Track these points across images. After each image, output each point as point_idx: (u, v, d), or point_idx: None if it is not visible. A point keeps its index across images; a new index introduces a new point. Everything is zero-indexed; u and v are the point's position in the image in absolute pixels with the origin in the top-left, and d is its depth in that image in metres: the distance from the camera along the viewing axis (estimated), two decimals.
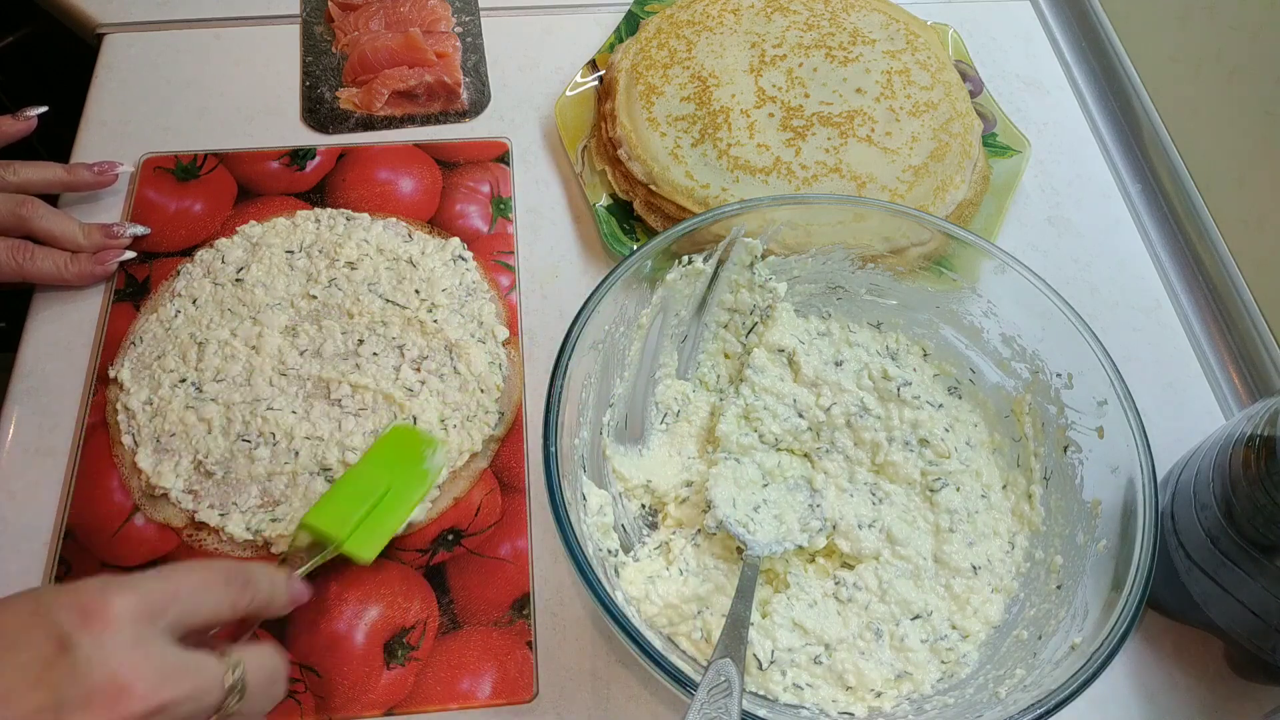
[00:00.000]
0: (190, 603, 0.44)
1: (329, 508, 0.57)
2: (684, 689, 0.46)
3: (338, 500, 0.57)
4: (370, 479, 0.58)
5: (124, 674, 0.39)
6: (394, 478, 0.59)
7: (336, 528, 0.55)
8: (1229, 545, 0.51)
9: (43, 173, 0.70)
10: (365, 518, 0.57)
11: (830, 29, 0.80)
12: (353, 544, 0.56)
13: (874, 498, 0.61)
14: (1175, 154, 0.81)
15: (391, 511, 0.58)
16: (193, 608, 0.44)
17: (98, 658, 0.39)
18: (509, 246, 0.73)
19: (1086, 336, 0.57)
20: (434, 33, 0.83)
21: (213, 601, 0.45)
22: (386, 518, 0.58)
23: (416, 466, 0.59)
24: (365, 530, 0.56)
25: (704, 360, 0.67)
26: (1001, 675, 0.53)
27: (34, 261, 0.66)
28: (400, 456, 0.60)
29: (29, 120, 0.72)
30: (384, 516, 0.58)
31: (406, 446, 0.60)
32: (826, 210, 0.64)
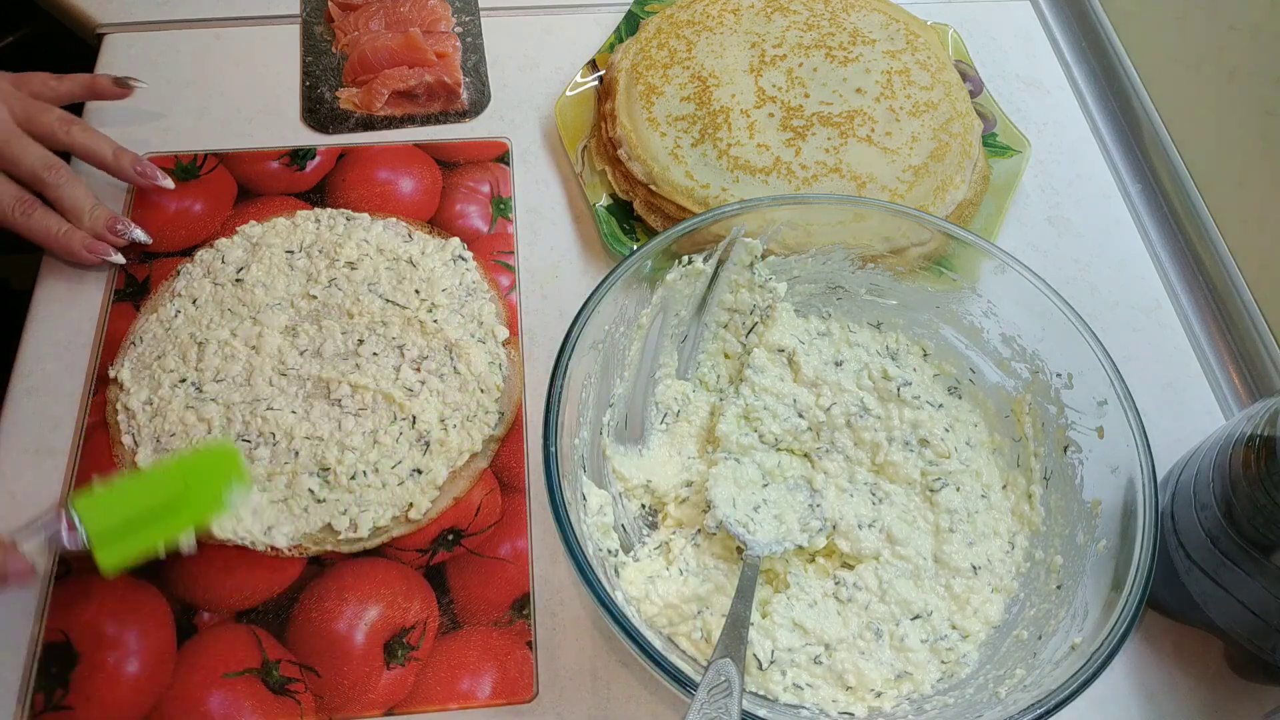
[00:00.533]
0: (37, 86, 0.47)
1: (102, 498, 0.53)
2: (684, 689, 0.46)
3: (115, 494, 0.54)
4: (164, 486, 0.55)
5: None
6: (189, 494, 0.55)
7: (95, 520, 0.52)
8: (1229, 545, 0.51)
9: (94, 145, 0.70)
10: (130, 522, 0.53)
11: (830, 29, 0.80)
12: (100, 545, 0.52)
13: (874, 498, 0.61)
14: (1175, 154, 0.81)
15: (159, 527, 0.54)
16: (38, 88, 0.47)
17: None
18: (509, 246, 0.73)
19: (1086, 336, 0.57)
20: (434, 33, 0.83)
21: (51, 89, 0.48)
22: (150, 531, 0.54)
23: (217, 492, 0.56)
24: (122, 535, 0.53)
25: (704, 360, 0.67)
26: (1001, 675, 0.53)
27: (31, 218, 0.67)
28: (209, 476, 0.56)
29: (127, 88, 0.75)
30: (149, 529, 0.54)
31: (220, 469, 0.56)
32: (826, 210, 0.64)
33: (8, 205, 0.66)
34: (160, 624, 0.57)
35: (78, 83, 0.73)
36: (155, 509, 0.54)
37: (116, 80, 0.74)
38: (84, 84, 0.74)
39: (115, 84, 0.74)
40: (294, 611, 0.58)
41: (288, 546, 0.59)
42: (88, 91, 0.74)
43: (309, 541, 0.60)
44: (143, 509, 0.54)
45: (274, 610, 0.58)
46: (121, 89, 0.75)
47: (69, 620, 0.57)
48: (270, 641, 0.57)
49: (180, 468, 0.56)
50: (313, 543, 0.60)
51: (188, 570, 0.59)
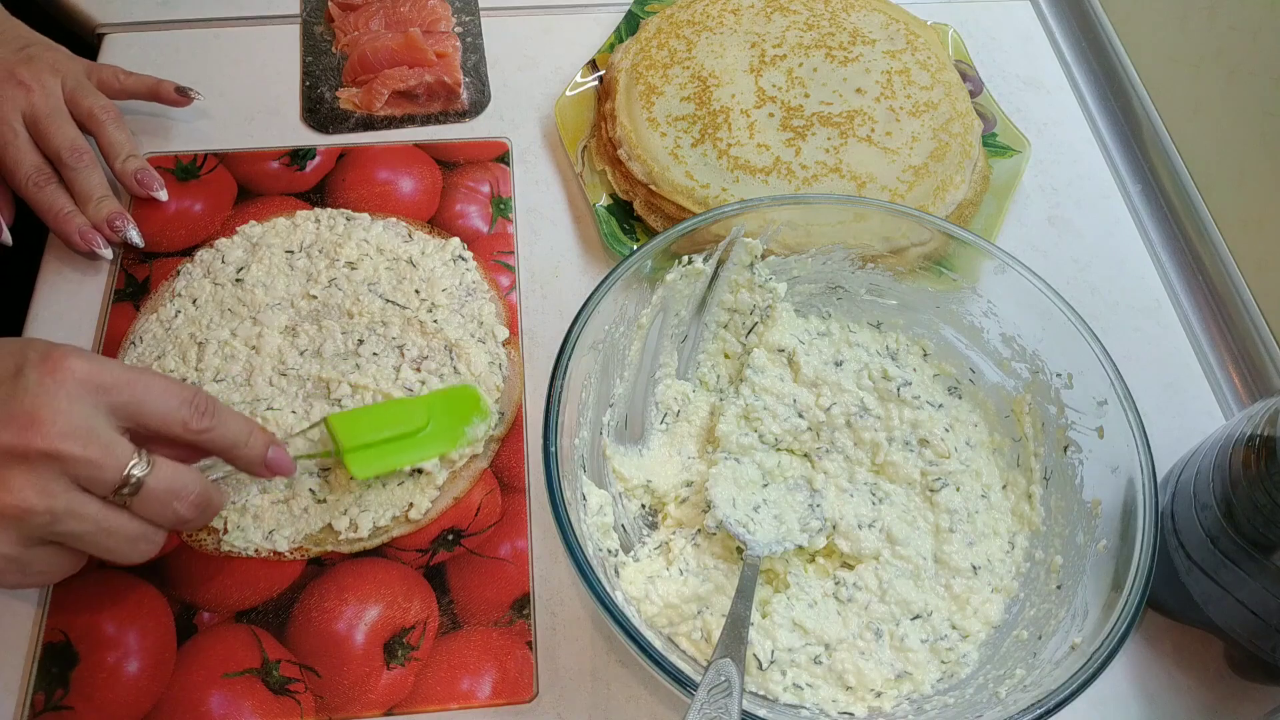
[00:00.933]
0: (142, 396, 0.48)
1: (357, 419, 0.59)
2: (684, 689, 0.46)
3: (367, 416, 0.60)
4: (409, 415, 0.60)
5: (43, 413, 0.44)
6: (433, 425, 0.60)
7: (348, 436, 0.57)
8: (1229, 545, 0.51)
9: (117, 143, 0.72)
10: (381, 442, 0.58)
11: (830, 29, 0.80)
12: (352, 456, 0.58)
13: (874, 498, 0.61)
14: (1175, 154, 0.81)
15: (409, 449, 0.59)
16: (141, 402, 0.48)
17: (35, 392, 0.45)
18: (509, 246, 0.73)
19: (1086, 336, 0.57)
20: (434, 33, 0.83)
21: (164, 408, 0.48)
22: (400, 452, 0.59)
23: (458, 425, 0.61)
24: (372, 452, 0.58)
25: (704, 360, 0.67)
26: (1001, 675, 0.53)
27: (43, 191, 0.68)
28: (450, 410, 0.61)
29: (188, 98, 0.76)
30: (398, 450, 0.59)
31: (461, 405, 0.62)
32: (826, 210, 0.64)
33: (25, 173, 0.68)
34: (160, 624, 0.57)
35: (143, 83, 0.76)
36: (402, 435, 0.59)
37: (179, 89, 0.76)
38: (149, 85, 0.76)
39: (177, 92, 0.76)
40: (294, 611, 0.58)
41: (288, 548, 0.59)
42: (151, 93, 0.76)
43: (309, 542, 0.60)
44: (393, 429, 0.59)
45: (274, 610, 0.58)
46: (182, 98, 0.76)
47: (69, 620, 0.57)
48: (270, 641, 0.57)
49: (426, 402, 0.62)
50: (313, 543, 0.60)
51: (188, 570, 0.59)
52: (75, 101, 0.70)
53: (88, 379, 0.46)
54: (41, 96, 0.69)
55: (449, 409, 0.62)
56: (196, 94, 0.77)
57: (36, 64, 0.70)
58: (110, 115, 0.72)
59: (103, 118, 0.71)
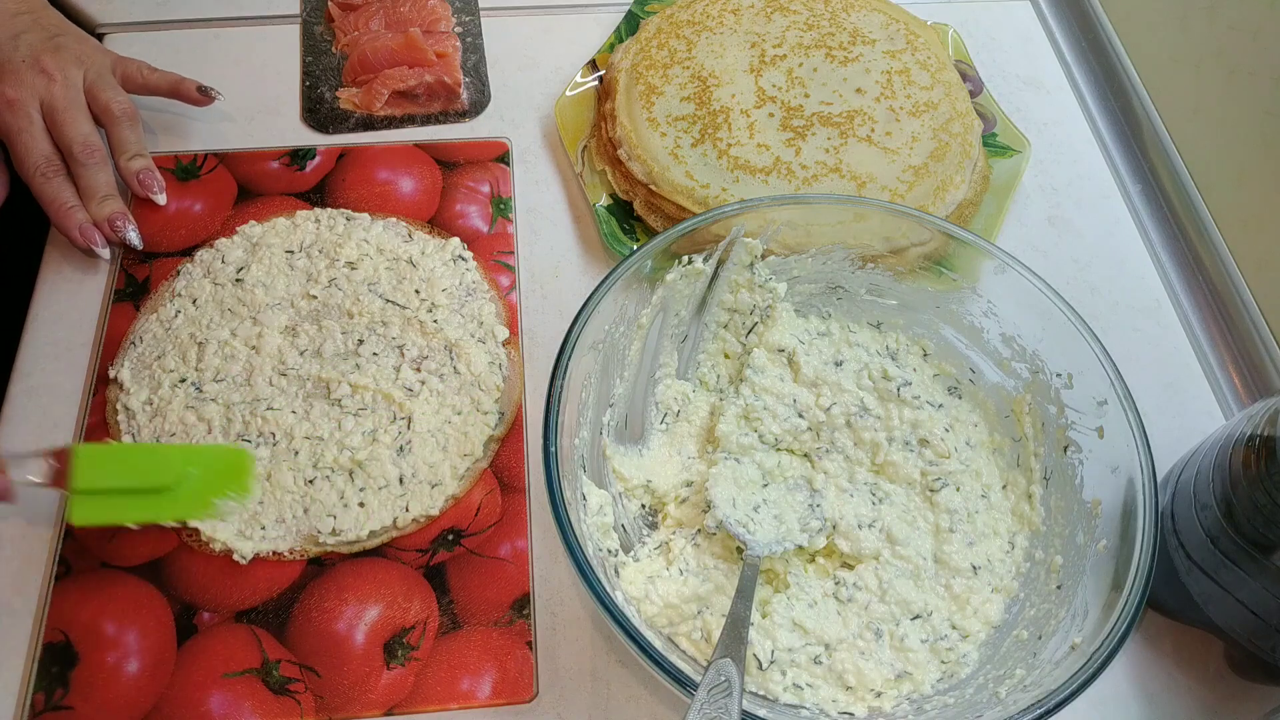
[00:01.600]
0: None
1: (104, 458, 0.54)
2: (684, 689, 0.46)
3: (116, 458, 0.55)
4: (160, 469, 0.55)
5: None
6: (185, 486, 0.55)
7: (85, 475, 0.53)
8: (1229, 545, 0.51)
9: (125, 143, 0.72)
10: (116, 492, 0.54)
11: (830, 29, 0.80)
12: (79, 499, 0.53)
13: (874, 498, 0.61)
14: (1175, 154, 0.81)
15: (143, 507, 0.55)
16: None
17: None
18: (509, 246, 0.73)
19: (1086, 336, 0.57)
20: (434, 33, 0.83)
21: None
22: (133, 508, 0.55)
23: (210, 493, 0.56)
24: (101, 500, 0.54)
25: (704, 360, 0.67)
26: (1001, 675, 0.53)
27: (50, 182, 0.69)
28: (211, 473, 0.56)
29: (209, 98, 0.77)
30: (132, 504, 0.55)
31: (226, 472, 0.57)
32: (826, 210, 0.64)
33: (35, 162, 0.68)
34: (160, 624, 0.57)
35: (166, 79, 0.76)
36: (149, 486, 0.54)
37: (200, 88, 0.77)
38: (171, 83, 0.76)
39: (199, 91, 0.77)
40: (294, 611, 0.58)
41: (288, 548, 0.59)
42: (173, 90, 0.76)
43: (309, 542, 0.60)
44: (137, 481, 0.54)
45: (274, 610, 0.58)
46: (204, 97, 0.77)
47: (69, 620, 0.57)
48: (270, 641, 0.57)
49: (188, 456, 0.57)
50: (313, 543, 0.60)
51: (188, 570, 0.59)
52: (94, 95, 0.71)
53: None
54: (62, 87, 0.69)
55: (211, 472, 0.56)
56: (218, 94, 0.77)
57: (63, 54, 0.71)
58: (126, 112, 0.72)
59: (117, 113, 0.72)
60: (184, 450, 0.58)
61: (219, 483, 0.56)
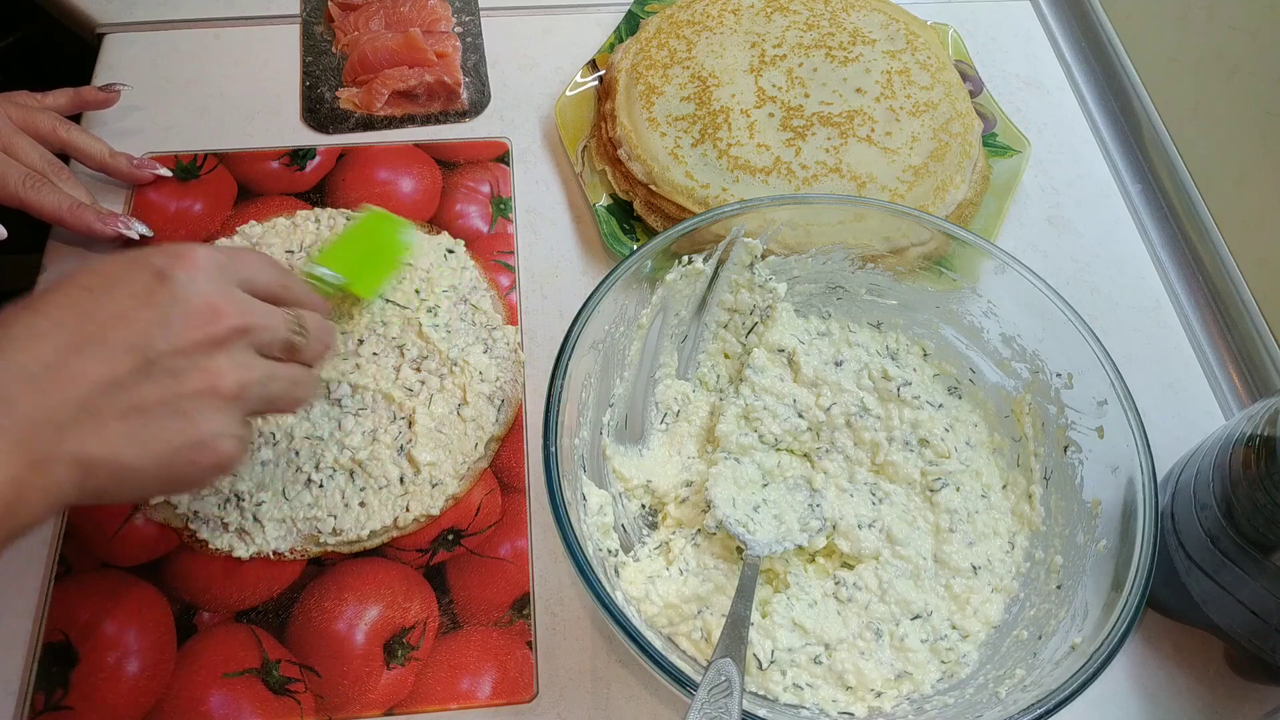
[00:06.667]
0: (253, 268, 0.52)
1: (327, 258, 0.63)
2: (684, 689, 0.46)
3: (334, 254, 0.64)
4: (357, 241, 0.65)
5: (215, 300, 0.48)
6: (377, 243, 0.66)
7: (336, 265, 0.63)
8: (1229, 545, 0.51)
9: (89, 144, 0.72)
10: (360, 267, 0.64)
11: (830, 29, 0.80)
12: (355, 283, 0.63)
13: (874, 498, 0.61)
14: (1175, 154, 0.81)
15: (383, 263, 0.66)
16: (254, 273, 0.51)
17: (193, 288, 0.47)
18: (509, 246, 0.73)
19: (1086, 336, 0.57)
20: (434, 33, 0.83)
21: (268, 274, 0.53)
22: (380, 263, 0.66)
23: (394, 238, 0.67)
24: (363, 273, 0.64)
25: (704, 360, 0.67)
26: (1001, 675, 0.53)
27: (41, 192, 0.67)
28: (378, 231, 0.67)
29: (114, 93, 0.76)
30: (378, 262, 0.66)
31: (382, 225, 0.68)
32: (826, 210, 0.64)
33: (16, 180, 0.66)
34: (160, 624, 0.57)
35: (63, 95, 0.74)
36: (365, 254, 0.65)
37: (101, 89, 0.75)
38: (70, 96, 0.74)
39: (100, 91, 0.75)
40: (294, 611, 0.58)
41: (288, 548, 0.59)
42: (75, 104, 0.75)
43: (309, 542, 0.60)
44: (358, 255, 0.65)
45: (274, 610, 0.58)
46: (108, 94, 0.76)
47: (69, 620, 0.57)
48: (270, 641, 0.57)
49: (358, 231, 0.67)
50: (313, 543, 0.60)
51: (188, 570, 0.59)
52: (27, 123, 0.69)
53: (217, 262, 0.49)
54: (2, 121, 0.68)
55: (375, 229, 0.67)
56: (122, 85, 0.76)
57: None
58: (69, 124, 0.71)
59: (66, 128, 0.70)
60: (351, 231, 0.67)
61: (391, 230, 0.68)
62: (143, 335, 0.46)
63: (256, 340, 0.49)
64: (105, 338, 0.45)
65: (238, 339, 0.48)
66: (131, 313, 0.46)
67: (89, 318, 0.45)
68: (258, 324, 0.49)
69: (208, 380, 0.47)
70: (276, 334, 0.51)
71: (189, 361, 0.46)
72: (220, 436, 0.47)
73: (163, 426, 0.46)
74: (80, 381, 0.44)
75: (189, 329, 0.46)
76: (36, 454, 0.43)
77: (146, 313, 0.46)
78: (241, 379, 0.48)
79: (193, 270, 0.48)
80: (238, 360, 0.48)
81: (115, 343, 0.45)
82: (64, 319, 0.45)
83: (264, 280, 0.52)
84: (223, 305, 0.48)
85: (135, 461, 0.45)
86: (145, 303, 0.46)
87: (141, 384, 0.45)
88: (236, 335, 0.48)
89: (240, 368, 0.48)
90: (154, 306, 0.46)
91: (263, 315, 0.50)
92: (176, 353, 0.46)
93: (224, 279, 0.49)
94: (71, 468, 0.44)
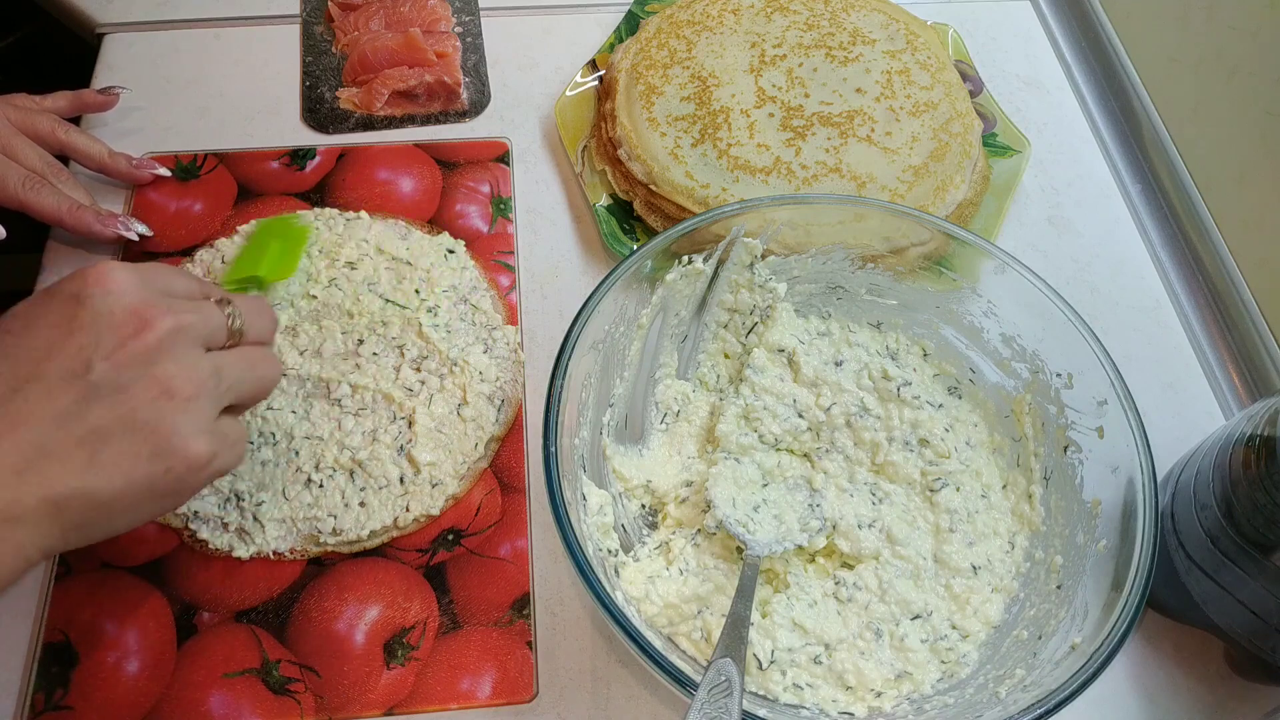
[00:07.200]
0: (168, 278, 0.50)
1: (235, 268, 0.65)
2: (684, 689, 0.46)
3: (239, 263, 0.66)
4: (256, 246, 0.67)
5: (139, 307, 0.46)
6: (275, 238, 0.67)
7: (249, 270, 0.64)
8: (1229, 545, 0.51)
9: (88, 145, 0.72)
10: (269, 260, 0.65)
11: (830, 29, 0.80)
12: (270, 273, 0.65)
13: (874, 498, 0.61)
14: (1175, 154, 0.81)
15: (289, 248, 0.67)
16: (170, 281, 0.50)
17: (113, 301, 0.46)
18: (509, 246, 0.73)
19: (1086, 336, 0.57)
20: (434, 33, 0.83)
21: (184, 283, 0.51)
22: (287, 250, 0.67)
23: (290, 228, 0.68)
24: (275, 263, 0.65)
25: (704, 360, 0.67)
26: (1001, 675, 0.53)
27: (41, 193, 0.67)
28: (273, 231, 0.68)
29: (113, 95, 0.76)
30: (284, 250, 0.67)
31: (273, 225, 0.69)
32: (826, 210, 0.64)
33: (15, 181, 0.66)
34: (160, 624, 0.57)
35: (62, 98, 0.74)
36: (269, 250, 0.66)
37: (100, 91, 0.75)
38: (69, 99, 0.74)
39: (99, 94, 0.75)
40: (294, 611, 0.58)
41: (288, 548, 0.59)
42: (74, 106, 0.75)
43: (309, 542, 0.60)
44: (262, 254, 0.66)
45: (274, 610, 0.58)
46: (107, 97, 0.76)
47: (69, 620, 0.57)
48: (270, 641, 0.57)
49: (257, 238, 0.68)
50: (313, 543, 0.60)
51: (188, 570, 0.59)
52: (26, 125, 0.69)
53: (130, 275, 0.48)
54: None
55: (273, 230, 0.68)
56: (121, 89, 0.76)
57: None
58: (68, 126, 0.71)
59: (65, 129, 0.70)
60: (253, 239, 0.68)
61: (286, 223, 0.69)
62: (78, 360, 0.44)
63: (195, 335, 0.48)
64: (41, 373, 0.44)
65: (175, 339, 0.47)
66: (59, 342, 0.45)
67: (19, 359, 0.44)
68: (190, 319, 0.48)
69: (157, 386, 0.45)
70: (212, 323, 0.49)
71: (133, 373, 0.45)
72: (188, 437, 0.46)
73: (124, 444, 0.44)
74: (29, 422, 0.43)
75: (121, 342, 0.45)
76: (1, 505, 0.42)
77: (75, 338, 0.45)
78: (192, 376, 0.46)
79: (107, 285, 0.46)
80: (182, 360, 0.47)
81: (52, 375, 0.44)
82: None
83: (181, 285, 0.50)
84: (148, 310, 0.46)
85: (106, 486, 0.44)
86: (70, 329, 0.45)
87: (91, 408, 0.44)
88: (172, 336, 0.46)
89: (188, 366, 0.47)
90: (80, 330, 0.45)
91: (193, 310, 0.48)
92: (117, 367, 0.45)
93: (141, 288, 0.47)
94: (42, 510, 0.43)
